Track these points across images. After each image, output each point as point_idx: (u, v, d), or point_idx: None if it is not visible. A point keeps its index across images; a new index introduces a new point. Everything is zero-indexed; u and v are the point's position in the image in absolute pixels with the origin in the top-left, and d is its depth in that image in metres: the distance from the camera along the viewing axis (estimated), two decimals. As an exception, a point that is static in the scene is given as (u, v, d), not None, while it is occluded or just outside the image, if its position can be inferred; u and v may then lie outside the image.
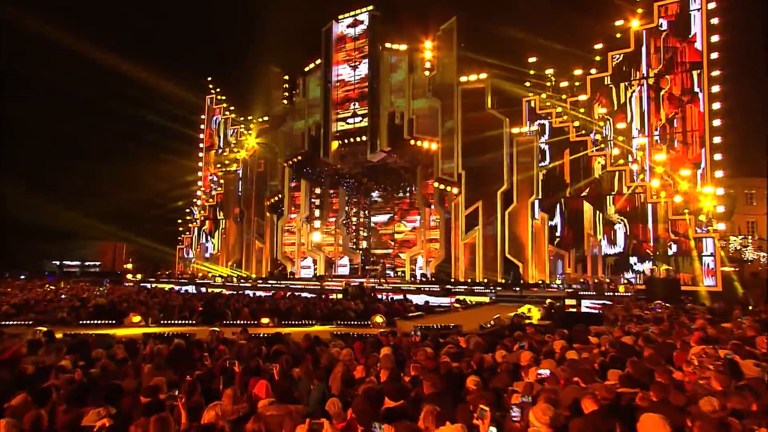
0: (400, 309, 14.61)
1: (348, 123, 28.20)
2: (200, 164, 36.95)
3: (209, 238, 34.49)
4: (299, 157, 29.13)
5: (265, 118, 31.78)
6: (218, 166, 35.31)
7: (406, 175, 29.48)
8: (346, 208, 33.23)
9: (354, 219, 34.23)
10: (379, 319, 12.38)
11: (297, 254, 29.79)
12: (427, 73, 25.23)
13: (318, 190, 31.81)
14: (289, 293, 19.17)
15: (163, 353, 6.89)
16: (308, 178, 30.64)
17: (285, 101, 30.57)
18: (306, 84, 29.53)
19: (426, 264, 25.83)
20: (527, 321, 12.10)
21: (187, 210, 36.88)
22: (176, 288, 23.29)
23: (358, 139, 27.52)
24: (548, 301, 14.75)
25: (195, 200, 36.36)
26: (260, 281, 27.65)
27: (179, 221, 36.92)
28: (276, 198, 30.24)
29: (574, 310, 15.16)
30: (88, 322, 11.54)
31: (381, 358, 5.96)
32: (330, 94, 28.35)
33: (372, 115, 26.89)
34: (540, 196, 22.00)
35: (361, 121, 27.62)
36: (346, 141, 28.06)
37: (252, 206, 31.76)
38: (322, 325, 12.03)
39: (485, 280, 22.07)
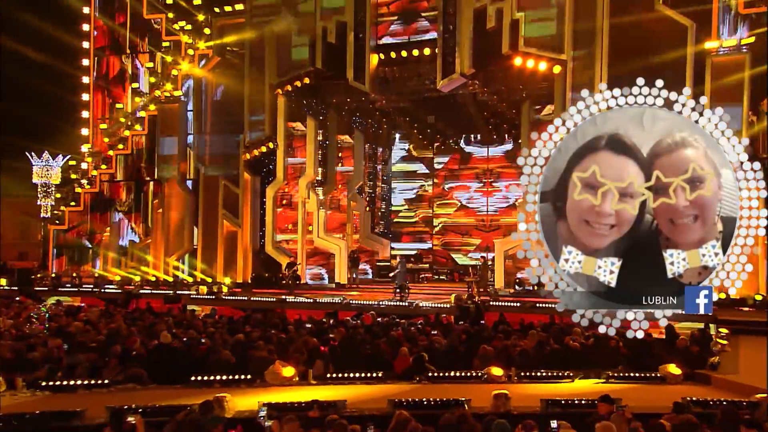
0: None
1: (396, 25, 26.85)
2: (86, 80, 33.59)
3: (120, 213, 32.06)
4: (306, 79, 27.15)
5: (237, 7, 29.38)
6: (136, 88, 32.43)
7: (487, 115, 29.09)
8: (366, 168, 32.24)
9: (369, 184, 33.35)
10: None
11: (302, 246, 28.40)
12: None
13: (319, 136, 30.39)
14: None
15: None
16: (316, 117, 29.00)
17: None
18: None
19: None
20: None
21: (73, 163, 33.94)
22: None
23: (415, 53, 26.19)
24: None
25: (87, 146, 33.41)
26: (239, 289, 25.98)
27: (54, 184, 33.99)
28: (263, 148, 28.31)
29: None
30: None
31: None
32: (367, -28, 26.29)
33: (446, 15, 25.29)
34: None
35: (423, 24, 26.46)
36: (392, 56, 26.70)
37: (207, 160, 29.67)
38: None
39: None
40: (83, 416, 8.36)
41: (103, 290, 26.14)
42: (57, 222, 32.58)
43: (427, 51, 26.02)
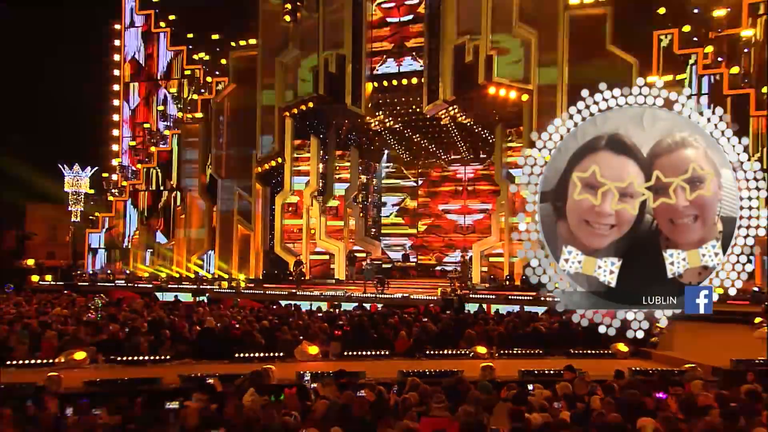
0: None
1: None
2: (116, 102, 34.68)
3: (148, 218, 32.86)
4: (310, 104, 28.15)
5: (251, 42, 30.39)
6: (161, 110, 33.43)
7: (464, 134, 30.17)
8: (365, 178, 33.32)
9: (362, 194, 34.38)
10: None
11: (305, 246, 29.27)
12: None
13: (321, 151, 31.20)
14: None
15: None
16: (318, 135, 29.93)
17: (287, 17, 29.38)
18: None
19: (509, 263, 26.58)
20: None
21: (105, 175, 34.71)
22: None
23: (404, 82, 27.24)
24: None
25: (117, 160, 34.26)
26: (252, 284, 27.03)
27: (89, 192, 34.78)
28: (273, 163, 29.23)
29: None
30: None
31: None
32: (363, 12, 27.46)
33: (431, 50, 26.40)
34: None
35: (412, 56, 27.28)
36: (385, 84, 27.64)
37: (223, 172, 30.47)
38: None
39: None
40: (161, 382, 9.50)
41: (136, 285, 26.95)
42: (91, 226, 33.29)
43: (414, 80, 27.16)
